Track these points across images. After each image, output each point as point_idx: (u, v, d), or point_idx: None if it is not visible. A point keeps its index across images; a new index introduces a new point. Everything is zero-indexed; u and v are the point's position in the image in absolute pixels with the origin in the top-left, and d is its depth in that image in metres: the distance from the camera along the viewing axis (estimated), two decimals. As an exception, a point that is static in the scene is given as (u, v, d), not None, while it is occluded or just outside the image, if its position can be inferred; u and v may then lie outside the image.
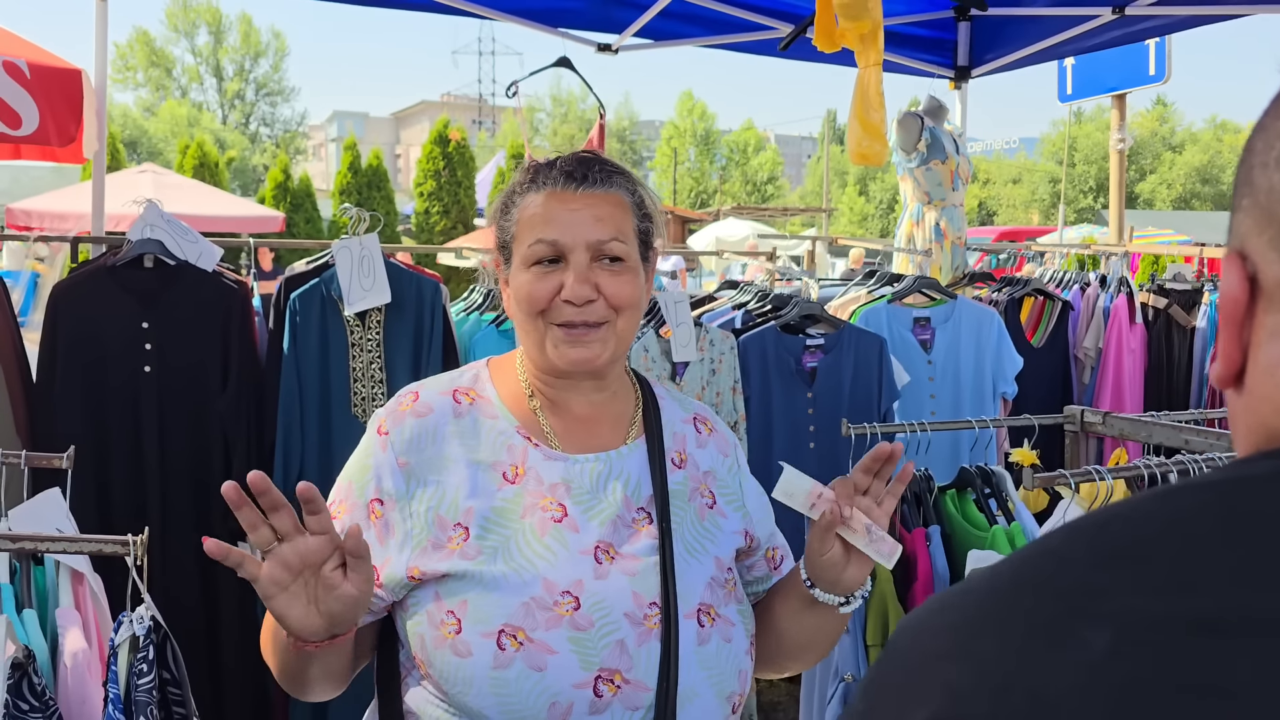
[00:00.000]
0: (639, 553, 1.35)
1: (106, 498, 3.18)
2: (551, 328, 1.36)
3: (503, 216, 1.44)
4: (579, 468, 1.39)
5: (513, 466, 1.37)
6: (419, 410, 1.40)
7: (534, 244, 1.36)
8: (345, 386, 3.31)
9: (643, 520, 1.38)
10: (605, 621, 1.29)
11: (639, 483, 1.41)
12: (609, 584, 1.32)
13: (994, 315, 4.02)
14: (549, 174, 1.41)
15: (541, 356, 1.39)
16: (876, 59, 3.15)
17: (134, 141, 40.52)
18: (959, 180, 4.81)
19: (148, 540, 1.39)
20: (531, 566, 1.31)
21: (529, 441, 1.39)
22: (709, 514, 1.44)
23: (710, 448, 1.52)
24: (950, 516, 2.27)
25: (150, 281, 3.22)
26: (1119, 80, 6.83)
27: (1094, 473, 1.81)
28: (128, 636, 1.31)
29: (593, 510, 1.37)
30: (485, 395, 1.44)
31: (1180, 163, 43.97)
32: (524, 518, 1.34)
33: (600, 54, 4.69)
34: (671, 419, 1.50)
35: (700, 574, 1.38)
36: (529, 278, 1.37)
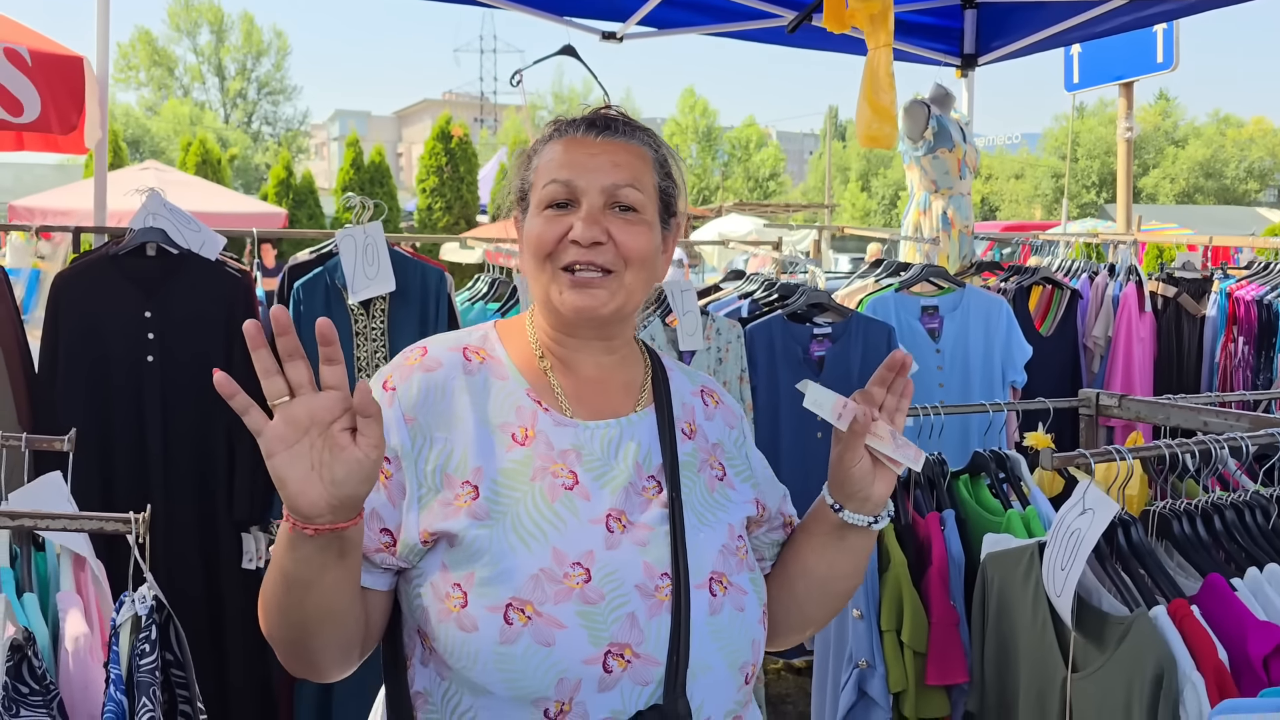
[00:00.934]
0: (650, 521, 1.32)
1: (109, 489, 3.15)
2: (558, 273, 1.33)
3: (524, 169, 1.41)
4: (590, 433, 1.35)
5: (522, 429, 1.33)
6: (428, 364, 1.36)
7: (548, 184, 1.34)
8: (350, 376, 3.28)
9: (653, 489, 1.35)
10: (616, 594, 1.26)
11: (649, 450, 1.37)
12: (620, 554, 1.28)
13: (1003, 303, 3.99)
14: (571, 124, 1.40)
15: (548, 306, 1.36)
16: (887, 40, 3.11)
17: (136, 140, 40.51)
18: (966, 168, 4.77)
19: (149, 523, 1.36)
20: (541, 534, 1.27)
21: (539, 405, 1.36)
22: (719, 485, 1.42)
23: (718, 420, 1.49)
24: (964, 501, 2.24)
25: (153, 270, 3.19)
26: (1126, 68, 6.77)
27: (1114, 453, 1.78)
28: (129, 616, 1.27)
29: (605, 477, 1.33)
30: (495, 355, 1.40)
31: (1183, 157, 43.85)
32: (534, 480, 1.30)
33: (604, 42, 4.65)
34: (680, 389, 1.47)
35: (712, 542, 1.35)
36: (540, 221, 1.34)
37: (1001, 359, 3.97)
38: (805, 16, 3.32)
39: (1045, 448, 2.12)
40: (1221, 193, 42.83)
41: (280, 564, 1.17)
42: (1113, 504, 1.64)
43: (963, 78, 4.99)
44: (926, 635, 2.00)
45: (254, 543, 3.29)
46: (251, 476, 3.23)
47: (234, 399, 1.07)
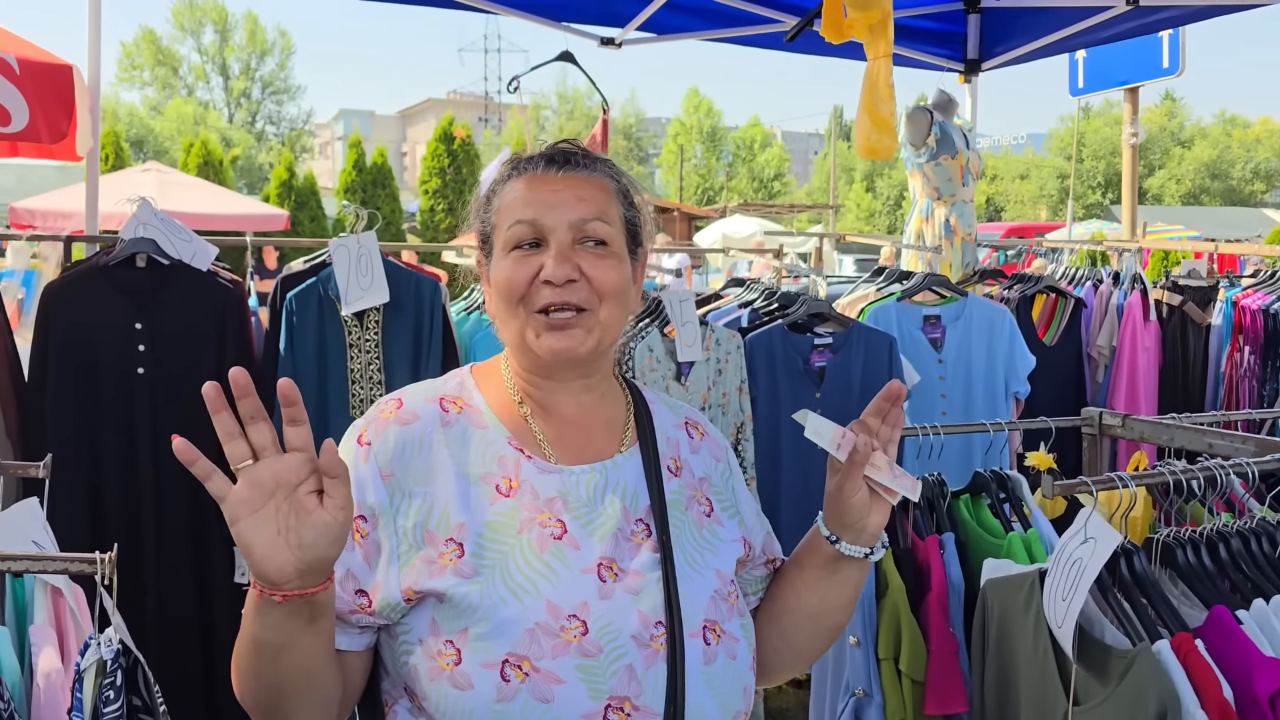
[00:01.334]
0: (640, 568, 1.28)
1: (99, 503, 3.12)
2: (532, 316, 1.29)
3: (484, 210, 1.38)
4: (575, 479, 1.31)
5: (505, 479, 1.29)
6: (403, 418, 1.31)
7: (513, 225, 1.30)
8: (343, 388, 3.25)
9: (641, 533, 1.31)
10: (614, 646, 1.22)
11: (635, 493, 1.33)
12: (614, 604, 1.24)
13: (1006, 313, 3.94)
14: (529, 162, 1.36)
15: (523, 350, 1.32)
16: (886, 50, 3.06)
17: (140, 140, 40.57)
18: (969, 175, 4.72)
19: (116, 556, 1.32)
20: (533, 587, 1.22)
21: (521, 454, 1.31)
22: (707, 523, 1.38)
23: (703, 453, 1.46)
24: (964, 523, 2.19)
25: (143, 281, 3.15)
26: (1131, 73, 6.71)
27: (1116, 480, 1.73)
28: (94, 660, 1.23)
29: (592, 524, 1.29)
30: (473, 404, 1.35)
31: (1189, 158, 43.75)
32: (521, 533, 1.26)
33: (603, 48, 4.61)
34: (664, 424, 1.43)
35: (703, 589, 1.32)
36: (508, 263, 1.30)
37: (1005, 369, 3.92)
38: (804, 25, 3.27)
39: (1047, 471, 2.07)
40: (1227, 194, 42.72)
41: (250, 629, 1.14)
42: (1115, 534, 1.59)
43: (966, 83, 4.93)
44: (925, 663, 1.95)
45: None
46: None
47: (194, 465, 1.05)
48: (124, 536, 3.13)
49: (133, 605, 3.18)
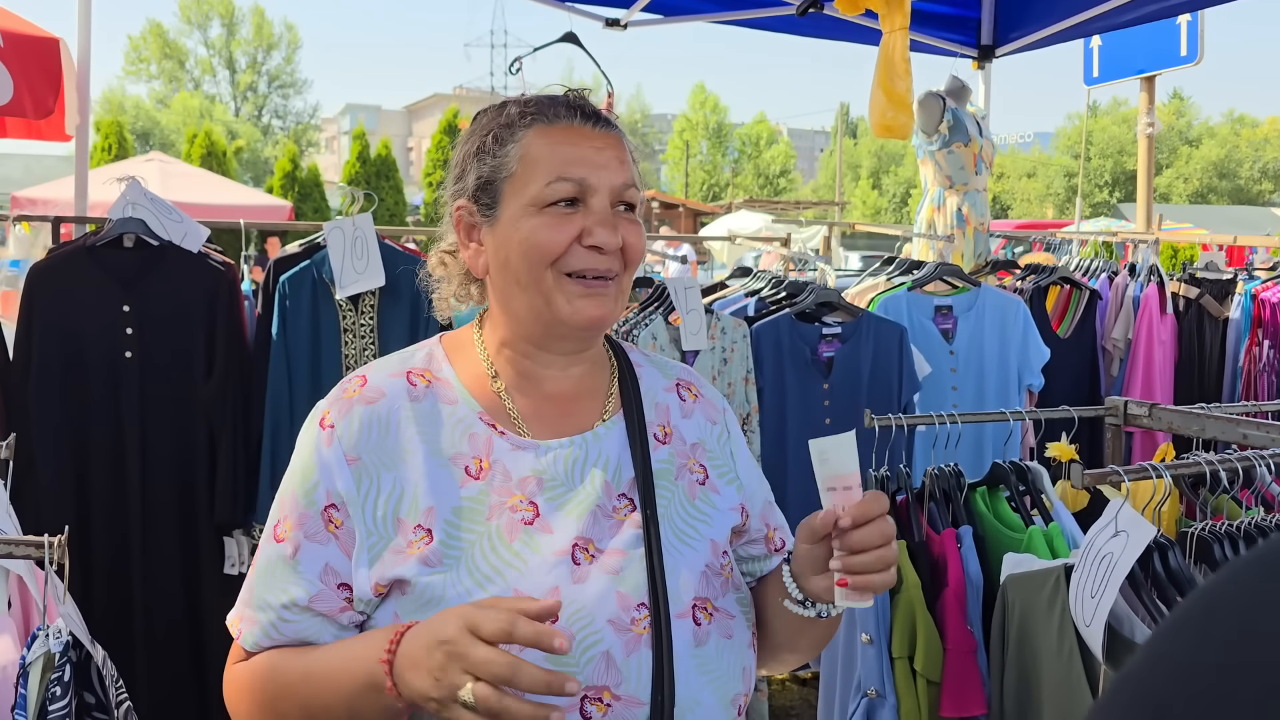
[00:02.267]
0: (622, 546, 1.18)
1: (85, 488, 3.03)
2: (563, 279, 1.18)
3: (491, 150, 1.23)
4: (551, 456, 1.21)
5: (476, 460, 1.19)
6: (368, 396, 1.21)
7: (554, 182, 1.18)
8: (337, 374, 3.15)
9: (625, 508, 1.21)
10: (587, 632, 1.13)
11: (619, 465, 1.23)
12: (588, 588, 1.15)
13: (1019, 304, 3.83)
14: (556, 108, 1.24)
15: (538, 318, 1.21)
16: (903, 23, 2.94)
17: (146, 133, 40.52)
18: (982, 164, 4.61)
19: (67, 540, 1.21)
20: (500, 577, 1.13)
21: (494, 429, 1.21)
22: (700, 491, 1.28)
23: (697, 415, 1.34)
24: (982, 516, 2.09)
25: (131, 263, 3.05)
26: (1148, 61, 6.56)
27: (1150, 470, 1.63)
28: (42, 654, 1.13)
29: (569, 504, 1.19)
30: (443, 377, 1.25)
31: (1197, 157, 43.54)
32: (490, 519, 1.17)
33: (608, 29, 4.50)
34: (652, 388, 1.33)
35: (694, 563, 1.21)
36: (541, 222, 1.18)
37: (1018, 361, 3.82)
38: (813, 1, 3.15)
39: (1073, 461, 1.97)
40: (1235, 193, 42.53)
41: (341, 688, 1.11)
42: (1149, 526, 1.49)
43: (979, 70, 4.82)
44: (941, 663, 1.85)
45: (236, 547, 3.16)
46: (233, 478, 3.10)
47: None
48: (110, 525, 3.04)
49: (120, 592, 3.10)
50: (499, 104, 1.27)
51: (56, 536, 1.19)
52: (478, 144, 1.24)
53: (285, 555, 1.17)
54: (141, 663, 3.06)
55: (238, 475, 3.10)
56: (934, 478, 2.09)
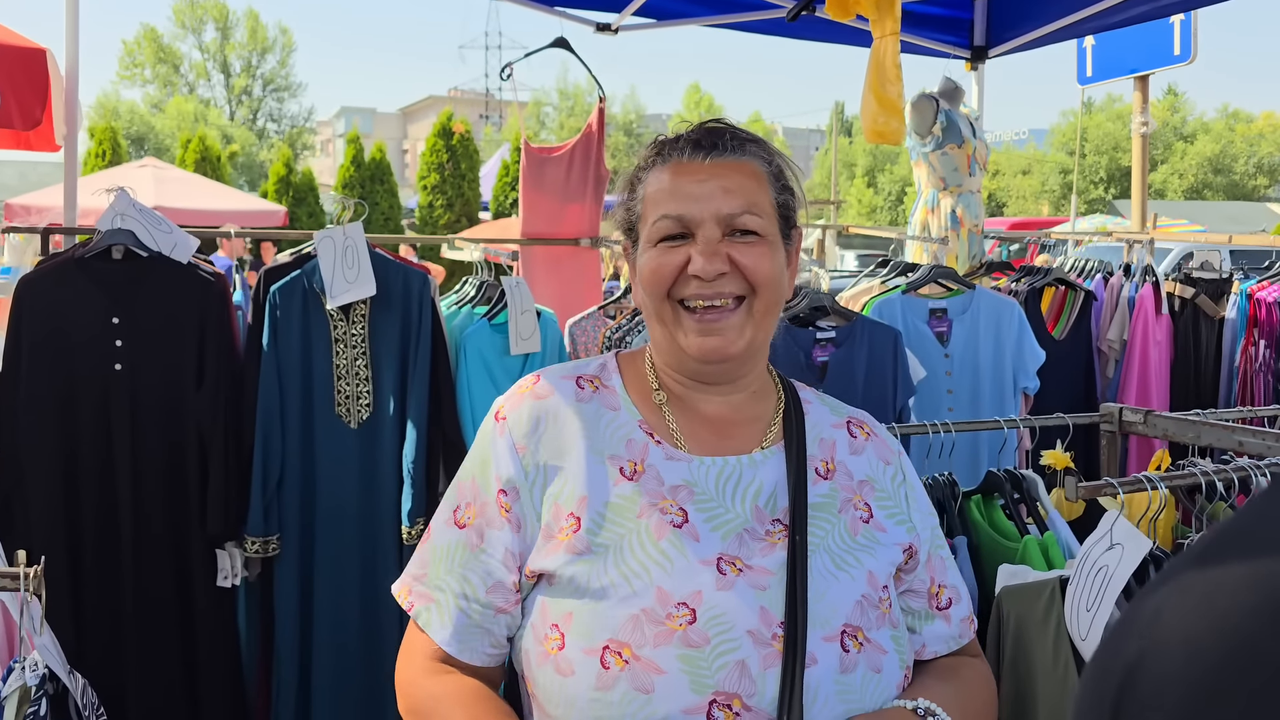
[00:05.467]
0: (771, 566, 1.21)
1: (75, 500, 3.01)
2: (682, 314, 1.26)
3: (629, 196, 1.35)
4: (704, 469, 1.26)
5: (631, 463, 1.26)
6: (539, 392, 1.32)
7: (658, 220, 1.27)
8: (328, 385, 3.13)
9: (778, 533, 1.24)
10: (724, 638, 1.14)
11: (774, 493, 1.27)
12: (732, 596, 1.17)
13: (1014, 306, 3.82)
14: (675, 146, 1.32)
15: (672, 348, 1.30)
16: (894, 28, 2.93)
17: (141, 138, 40.45)
18: (976, 165, 4.60)
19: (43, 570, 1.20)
20: (645, 573, 1.18)
21: (650, 438, 1.29)
22: (863, 527, 1.28)
23: (869, 453, 1.36)
24: (977, 524, 2.08)
25: (120, 274, 3.03)
26: (1141, 61, 6.55)
27: (1144, 481, 1.62)
28: (17, 687, 1.12)
29: (717, 519, 1.23)
30: (610, 385, 1.35)
31: (1192, 152, 43.56)
32: (641, 517, 1.22)
33: (599, 34, 4.48)
34: (819, 423, 1.36)
35: (849, 591, 1.22)
36: (652, 254, 1.27)
37: (1013, 364, 3.80)
38: (806, 4, 3.14)
39: (1066, 469, 1.95)
40: (1230, 188, 42.56)
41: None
42: (1145, 539, 1.47)
43: (972, 71, 4.80)
44: (936, 676, 1.83)
45: (228, 559, 3.14)
46: (225, 489, 3.08)
47: None
48: (101, 538, 3.02)
49: (111, 604, 3.08)
50: (649, 144, 1.37)
51: (33, 567, 1.18)
52: (628, 182, 1.36)
53: (468, 541, 1.26)
54: (132, 673, 3.04)
55: (229, 487, 3.08)
56: (928, 487, 2.07)
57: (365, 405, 3.14)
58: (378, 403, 3.14)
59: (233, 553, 3.14)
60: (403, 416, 3.14)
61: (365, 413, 3.13)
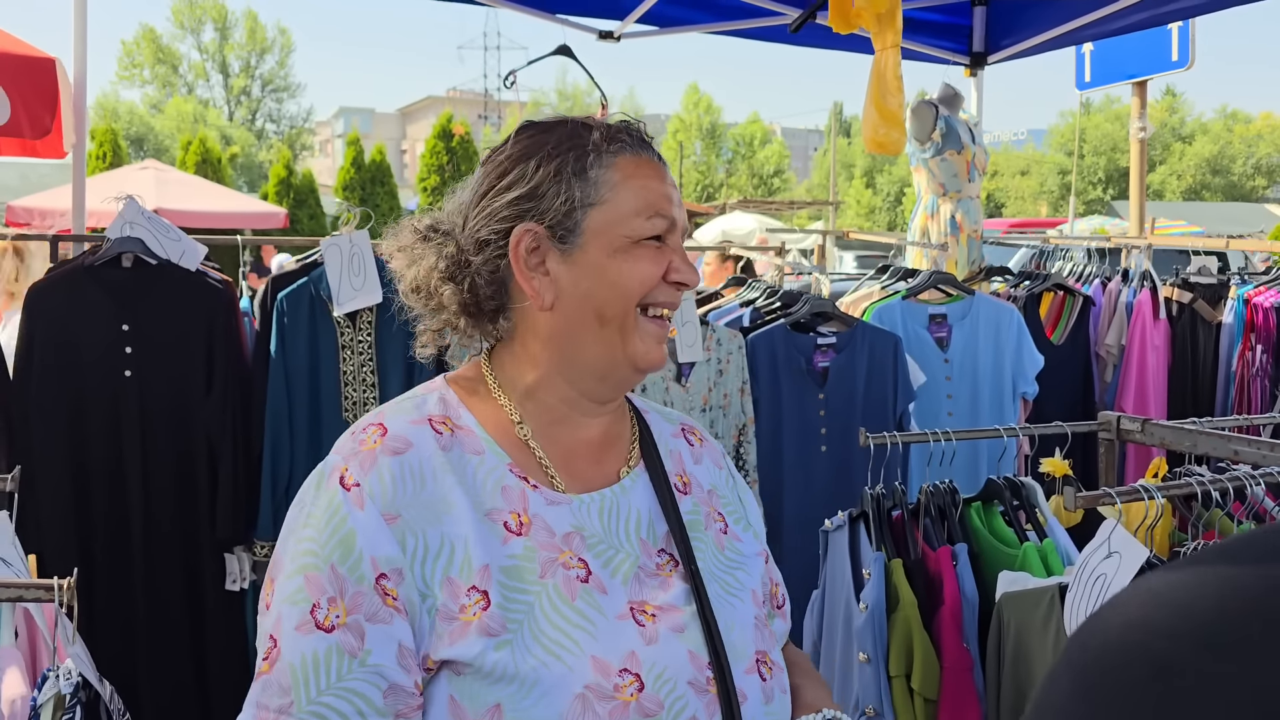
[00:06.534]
0: (675, 602, 1.10)
1: (87, 507, 3.04)
2: (643, 320, 1.12)
3: (574, 175, 1.12)
4: (586, 509, 1.12)
5: (514, 514, 1.08)
6: (393, 445, 1.08)
7: (653, 218, 1.12)
8: (336, 390, 3.16)
9: (667, 565, 1.13)
10: (673, 698, 1.04)
11: (650, 520, 1.16)
12: (662, 649, 1.06)
13: (1013, 311, 3.85)
14: (632, 136, 1.16)
15: (618, 355, 1.13)
16: (894, 40, 2.97)
17: (140, 139, 40.47)
18: (975, 171, 4.63)
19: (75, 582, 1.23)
20: (572, 644, 1.03)
21: (525, 483, 1.11)
22: (725, 540, 1.21)
23: (706, 461, 1.29)
24: (977, 532, 2.12)
25: (130, 282, 3.07)
26: (1140, 66, 6.59)
27: (1141, 491, 1.65)
28: (52, 695, 1.15)
29: (613, 563, 1.10)
30: (464, 425, 1.13)
31: (1190, 153, 43.61)
32: (544, 577, 1.06)
33: (602, 41, 4.52)
34: (662, 435, 1.26)
35: (745, 616, 1.15)
36: (639, 257, 1.12)
37: (1012, 369, 3.84)
38: (809, 15, 3.18)
39: (1065, 477, 1.99)
40: (1229, 189, 42.61)
41: None
42: (1141, 548, 1.51)
43: (971, 77, 4.84)
44: (938, 681, 1.87)
45: (237, 563, 3.17)
46: (234, 494, 3.11)
47: None
48: (112, 542, 3.06)
49: (122, 609, 3.11)
50: (572, 122, 1.17)
51: (66, 579, 1.21)
52: (556, 166, 1.12)
53: (343, 645, 1.00)
54: (144, 677, 3.08)
55: (238, 491, 3.12)
56: (929, 494, 2.11)
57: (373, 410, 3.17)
58: (384, 409, 3.18)
59: (241, 557, 3.17)
60: (409, 422, 3.18)
61: (372, 418, 3.17)
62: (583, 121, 1.16)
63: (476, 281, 1.14)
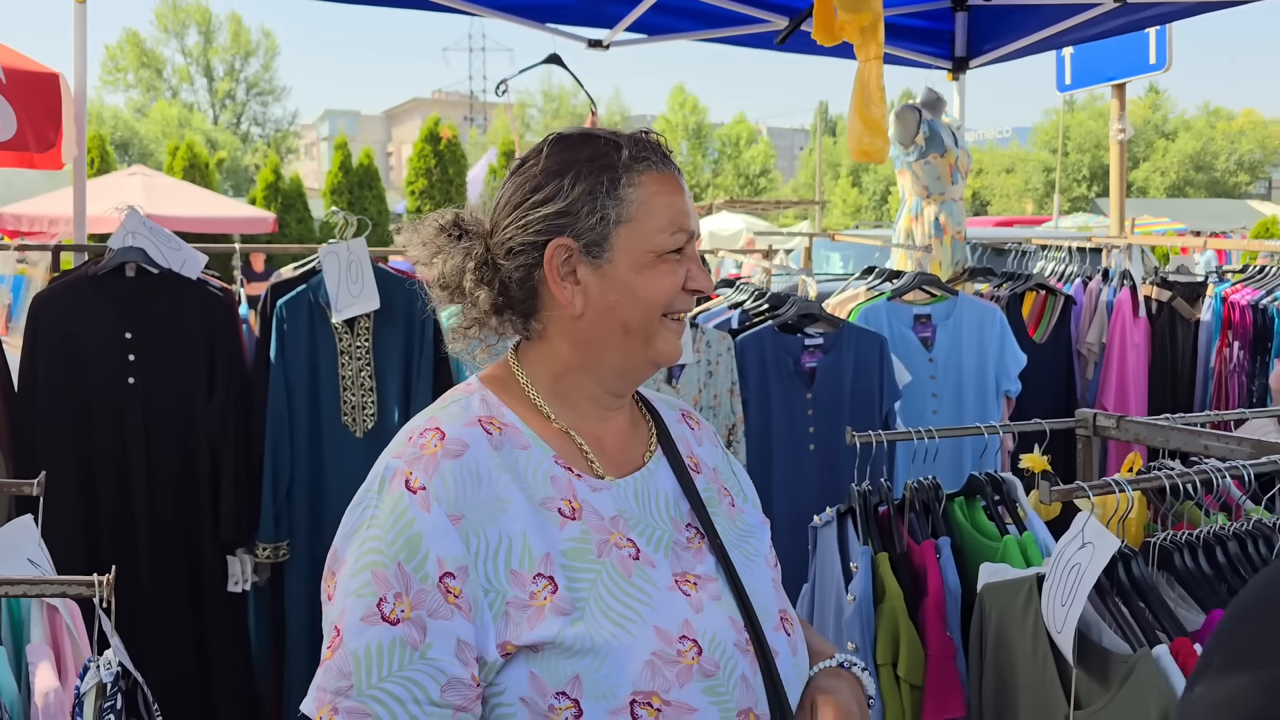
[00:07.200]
0: (710, 573, 1.22)
1: (92, 511, 3.11)
2: (664, 323, 1.23)
3: (607, 193, 1.21)
4: (625, 493, 1.23)
5: (566, 501, 1.18)
6: (452, 449, 1.16)
7: (676, 232, 1.22)
8: (335, 395, 3.24)
9: (695, 538, 1.25)
10: (726, 659, 1.16)
11: (675, 499, 1.27)
12: (710, 617, 1.17)
13: (996, 311, 3.95)
14: (656, 153, 1.25)
15: (640, 356, 1.24)
16: (877, 52, 3.06)
17: (125, 143, 40.35)
18: (958, 174, 4.73)
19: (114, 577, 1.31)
20: (635, 615, 1.13)
21: (570, 473, 1.21)
22: (735, 513, 1.35)
23: (706, 444, 1.42)
24: (960, 526, 2.20)
25: (133, 291, 3.13)
26: (1118, 69, 6.74)
27: (1113, 485, 1.74)
28: (94, 684, 1.22)
29: (654, 540, 1.21)
30: (509, 422, 1.22)
31: (1174, 150, 43.92)
32: (601, 557, 1.16)
33: (591, 49, 4.60)
34: (670, 420, 1.39)
35: (764, 580, 1.28)
36: (663, 270, 1.22)
37: (995, 368, 3.93)
38: (794, 27, 3.26)
39: (1042, 474, 2.07)
40: (1212, 185, 42.93)
41: None
42: (1113, 539, 1.59)
43: (954, 81, 4.94)
44: (923, 668, 1.96)
45: (239, 565, 3.24)
46: (236, 498, 3.18)
47: None
48: (117, 546, 3.12)
49: (127, 614, 3.17)
50: (598, 139, 1.25)
51: (105, 575, 1.29)
52: (590, 185, 1.21)
53: (406, 638, 1.07)
54: (148, 677, 3.12)
55: (240, 495, 3.19)
56: (914, 490, 2.19)
57: (370, 415, 3.24)
58: (383, 412, 3.25)
59: (243, 559, 3.24)
60: (407, 425, 3.25)
61: (370, 422, 3.24)
62: (612, 139, 1.25)
63: (509, 285, 1.24)
